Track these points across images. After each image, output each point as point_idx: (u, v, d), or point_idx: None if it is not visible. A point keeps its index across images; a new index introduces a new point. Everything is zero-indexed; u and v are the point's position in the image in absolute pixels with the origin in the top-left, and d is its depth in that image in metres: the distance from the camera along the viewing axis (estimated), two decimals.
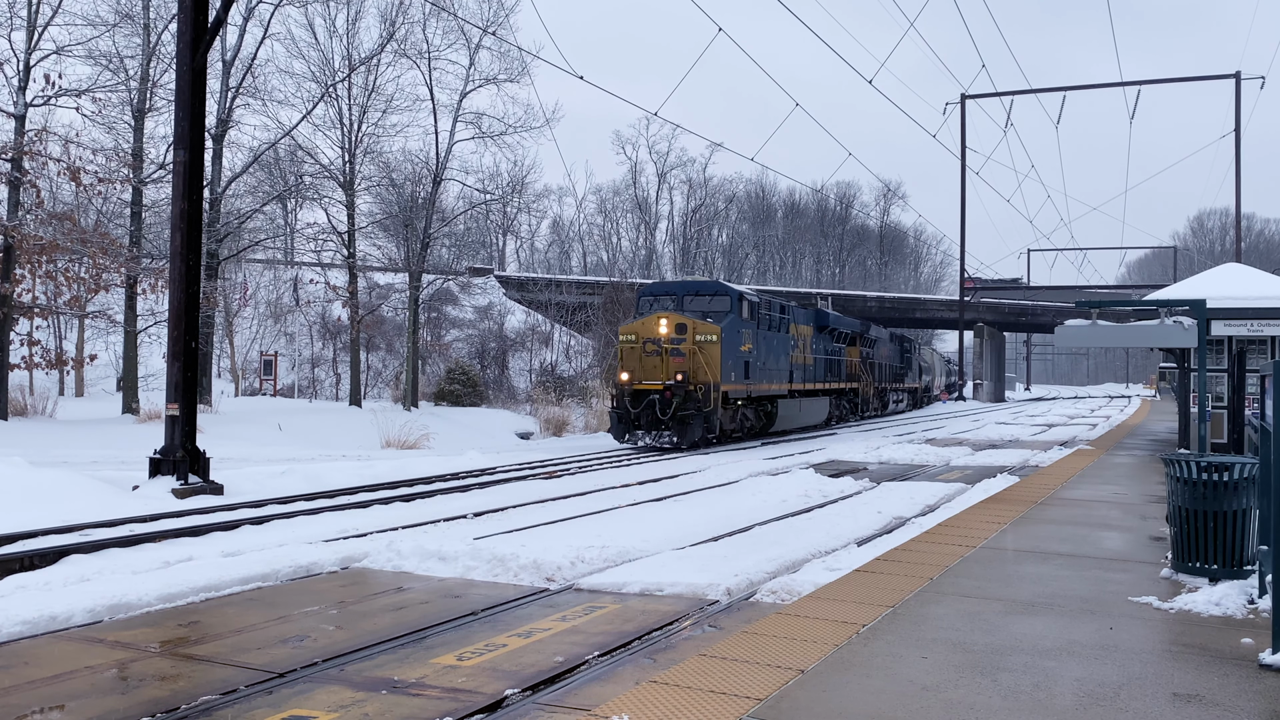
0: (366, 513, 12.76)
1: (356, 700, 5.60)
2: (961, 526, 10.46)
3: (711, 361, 23.41)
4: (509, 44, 35.16)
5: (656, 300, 25.87)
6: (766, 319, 27.12)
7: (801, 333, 30.97)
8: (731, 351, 24.09)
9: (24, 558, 9.44)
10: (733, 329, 24.36)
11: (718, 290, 25.55)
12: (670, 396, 22.93)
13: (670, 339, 23.64)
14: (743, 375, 24.90)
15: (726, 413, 24.42)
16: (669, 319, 23.76)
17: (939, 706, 4.81)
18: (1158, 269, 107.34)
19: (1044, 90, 61.14)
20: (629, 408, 23.28)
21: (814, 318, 33.28)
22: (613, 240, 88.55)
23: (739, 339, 24.75)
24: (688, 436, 23.00)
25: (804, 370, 30.93)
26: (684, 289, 25.83)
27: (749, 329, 25.42)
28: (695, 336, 23.57)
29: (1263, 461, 6.43)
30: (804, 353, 31.06)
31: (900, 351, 49.33)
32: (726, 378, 23.73)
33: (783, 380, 28.46)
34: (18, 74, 25.81)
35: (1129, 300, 28.07)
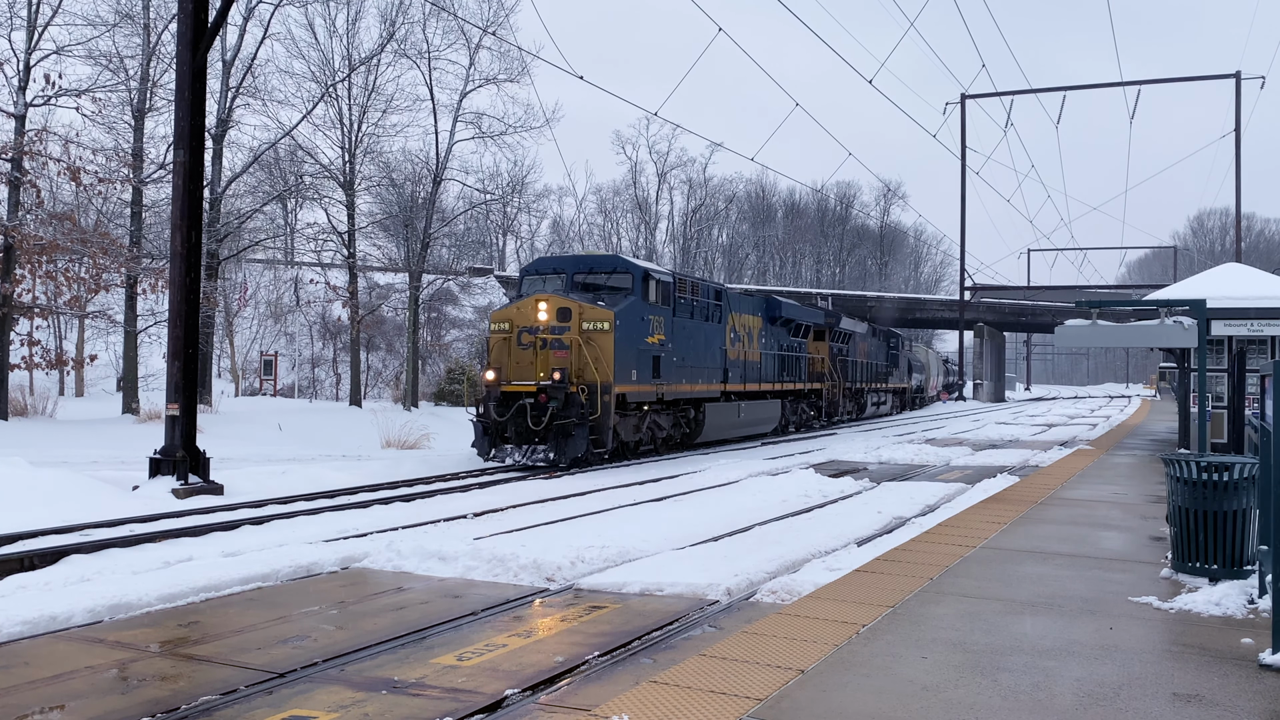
0: (366, 513, 12.76)
1: (356, 700, 5.60)
2: (961, 526, 10.46)
3: (602, 356, 18.58)
4: (509, 44, 35.15)
5: (543, 279, 20.77)
6: (688, 305, 22.43)
7: (745, 324, 26.44)
8: (632, 343, 19.50)
9: (24, 558, 9.45)
10: (634, 315, 19.68)
11: (617, 266, 20.62)
12: (545, 400, 18.07)
13: (550, 327, 18.83)
14: (650, 373, 20.25)
15: (627, 421, 20.03)
16: (549, 302, 18.87)
17: (939, 706, 4.81)
18: (1158, 269, 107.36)
19: (1044, 90, 61.22)
20: (494, 415, 18.39)
21: (763, 307, 28.57)
22: (613, 240, 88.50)
23: (644, 328, 20.08)
24: (568, 452, 18.12)
25: (745, 368, 26.07)
26: (575, 265, 20.81)
27: (660, 316, 20.81)
28: (582, 324, 18.79)
29: (1263, 461, 6.43)
30: (747, 347, 26.41)
31: (885, 348, 45.00)
32: (623, 376, 19.18)
33: (714, 379, 23.71)
34: (18, 74, 25.81)
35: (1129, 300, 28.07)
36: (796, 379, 30.69)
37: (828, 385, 33.99)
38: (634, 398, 19.85)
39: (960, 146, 67.24)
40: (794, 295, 58.10)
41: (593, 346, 18.72)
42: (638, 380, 19.78)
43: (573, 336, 18.70)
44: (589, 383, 18.44)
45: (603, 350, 18.70)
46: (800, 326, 31.10)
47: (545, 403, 18.09)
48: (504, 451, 18.38)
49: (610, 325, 18.81)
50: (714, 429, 23.97)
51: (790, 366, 30.15)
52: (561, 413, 18.08)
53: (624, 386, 19.22)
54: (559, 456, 18.18)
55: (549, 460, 18.22)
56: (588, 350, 18.66)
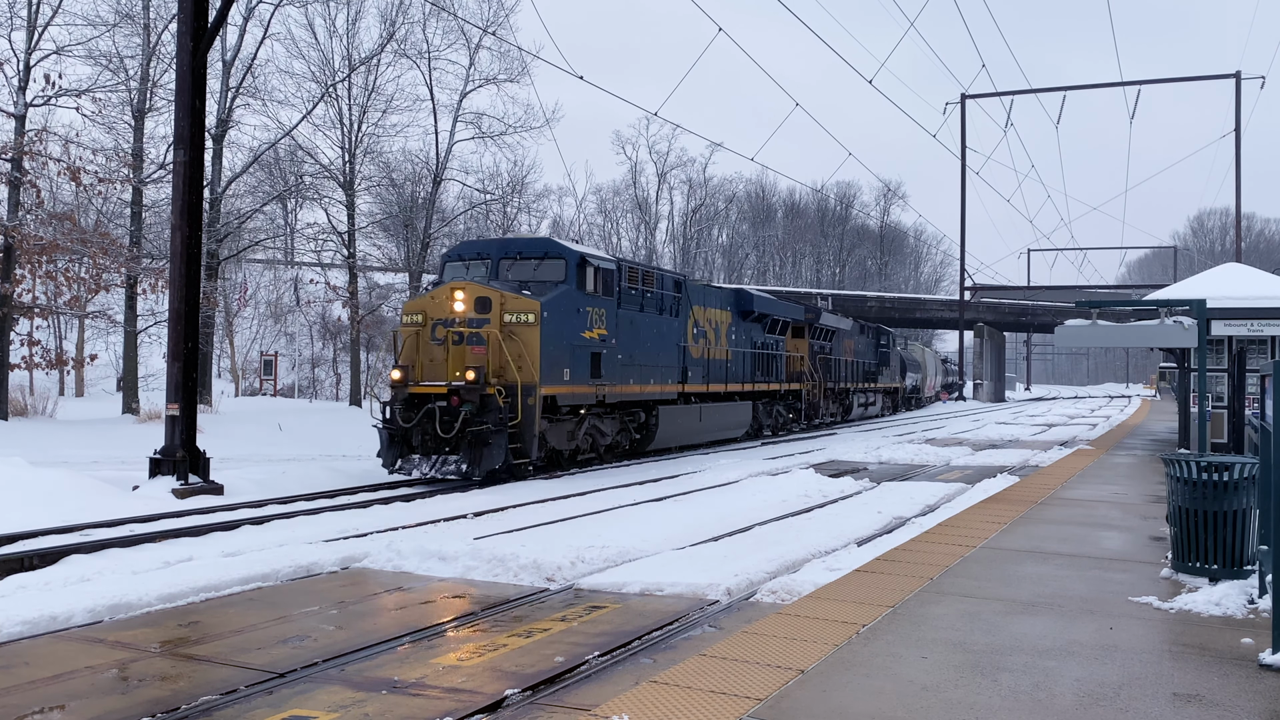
0: (366, 513, 12.75)
1: (356, 700, 5.60)
2: (961, 526, 10.46)
3: (526, 352, 16.20)
4: (509, 44, 35.18)
5: (465, 266, 18.39)
6: (638, 297, 20.15)
7: (709, 318, 24.05)
8: (565, 338, 17.17)
9: (24, 558, 9.45)
10: (567, 306, 17.33)
11: (548, 251, 18.06)
12: (458, 404, 15.73)
13: (468, 319, 16.41)
14: (588, 372, 17.97)
15: (559, 427, 17.74)
16: (467, 291, 16.49)
17: (939, 706, 4.82)
18: (1158, 269, 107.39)
19: (1044, 90, 61.20)
20: (399, 421, 16.01)
21: (732, 300, 26.19)
22: (613, 240, 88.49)
23: (580, 321, 17.74)
24: (483, 463, 15.62)
25: (709, 367, 23.68)
26: (502, 249, 18.37)
27: (602, 308, 18.51)
28: (504, 316, 16.40)
29: (1263, 461, 6.43)
30: (712, 344, 24.06)
31: (874, 346, 42.62)
32: (553, 376, 16.82)
33: (669, 379, 21.40)
34: (18, 74, 25.83)
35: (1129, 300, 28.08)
36: (772, 379, 28.43)
37: (808, 385, 31.65)
38: (567, 400, 17.50)
39: (960, 146, 67.27)
40: (794, 295, 58.12)
41: (516, 342, 16.25)
42: (572, 380, 17.44)
43: (492, 330, 16.22)
44: (511, 383, 15.95)
45: (527, 346, 16.26)
46: (776, 322, 28.81)
47: (457, 406, 15.69)
48: (410, 462, 15.81)
49: (536, 317, 16.39)
50: (669, 434, 21.76)
51: (764, 365, 27.90)
52: (476, 418, 15.65)
53: (554, 387, 16.87)
54: (472, 469, 15.61)
55: (461, 473, 15.60)
56: (510, 346, 16.19)
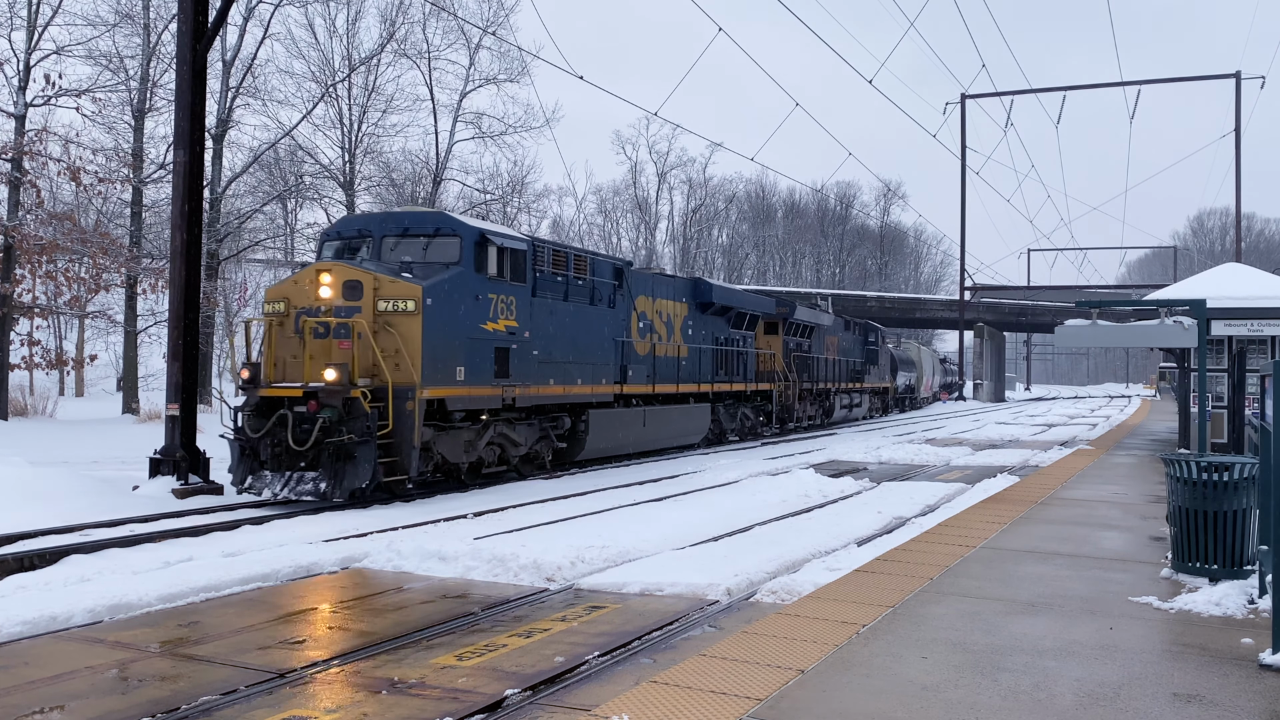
0: (366, 512, 12.75)
1: (356, 700, 5.60)
2: (961, 526, 10.46)
3: (404, 347, 13.64)
4: (509, 44, 35.19)
5: (346, 245, 15.58)
6: (560, 284, 17.45)
7: (661, 311, 21.57)
8: (457, 330, 14.51)
9: (24, 558, 9.45)
10: (460, 292, 14.63)
11: (440, 227, 15.15)
12: (316, 409, 13.13)
13: (335, 307, 13.80)
14: (491, 371, 15.26)
15: (453, 436, 14.89)
16: (334, 273, 13.90)
17: (939, 706, 4.82)
18: (1158, 269, 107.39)
19: (1044, 90, 61.17)
20: (248, 430, 13.60)
21: (689, 291, 23.48)
22: (613, 240, 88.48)
23: (478, 310, 15.00)
24: (346, 481, 13.04)
25: (658, 365, 21.25)
26: (385, 225, 15.42)
27: (511, 295, 15.73)
28: (378, 303, 13.85)
29: (1263, 461, 6.43)
30: (663, 340, 21.54)
31: (861, 344, 40.00)
32: (441, 374, 14.17)
33: (604, 379, 18.86)
34: (18, 74, 25.84)
35: (1129, 300, 28.09)
36: (737, 378, 25.84)
37: (780, 386, 29.12)
38: (461, 404, 14.72)
39: (960, 146, 67.26)
40: (794, 295, 58.04)
41: (392, 334, 13.69)
42: (469, 380, 14.73)
43: (363, 320, 13.62)
44: (385, 384, 13.39)
45: (406, 339, 13.68)
46: (744, 316, 26.21)
47: (315, 412, 13.09)
48: (262, 480, 13.31)
49: (418, 305, 13.80)
50: (603, 442, 19.05)
51: (728, 363, 25.36)
52: (337, 426, 13.07)
53: (442, 389, 14.19)
54: (332, 488, 13.03)
55: (318, 493, 13.02)
56: (384, 340, 13.67)
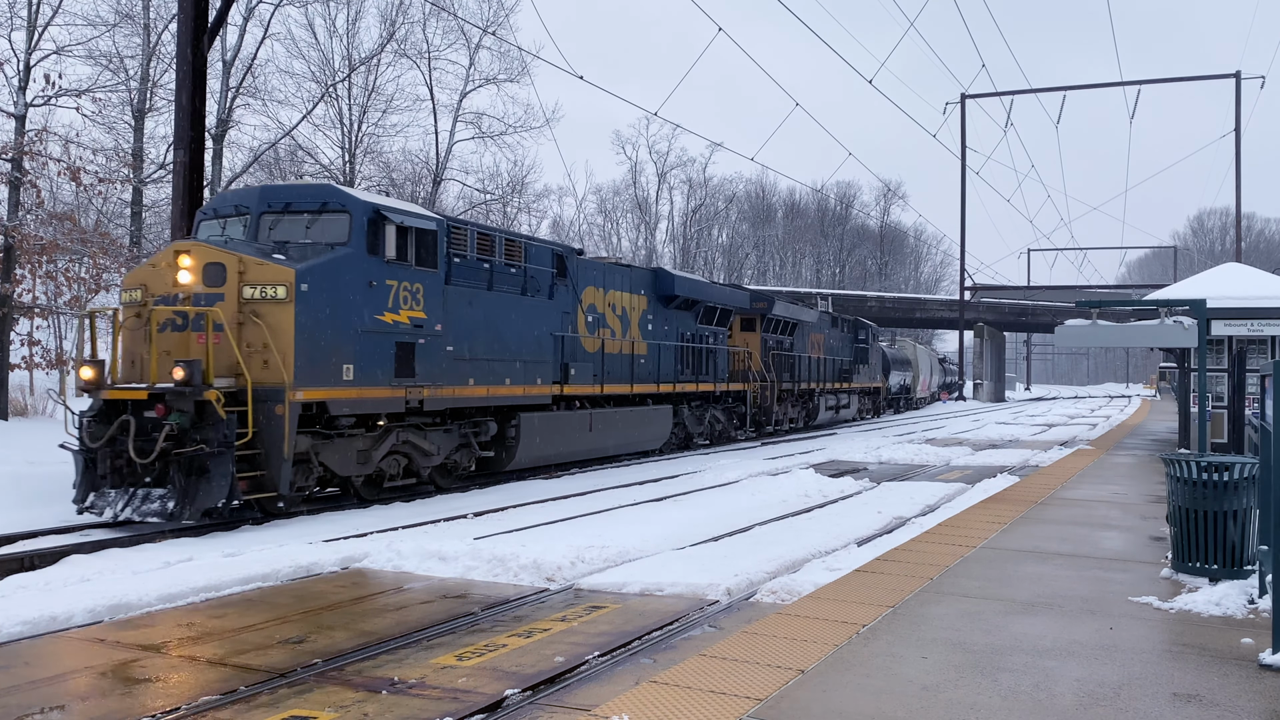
0: (366, 512, 12.76)
1: (356, 700, 5.60)
2: (962, 526, 10.46)
3: (274, 340, 11.86)
4: (509, 44, 35.20)
5: (222, 225, 13.66)
6: (483, 271, 15.45)
7: (614, 303, 19.77)
8: (342, 321, 12.62)
9: (24, 558, 9.46)
10: (348, 278, 12.74)
11: (328, 202, 13.17)
12: (164, 414, 11.35)
13: (195, 295, 12.02)
14: (391, 369, 13.45)
15: (343, 445, 13.05)
16: (195, 255, 12.04)
17: (939, 706, 4.82)
18: (1158, 269, 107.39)
19: (1044, 90, 61.17)
20: (87, 440, 11.71)
21: (649, 282, 21.58)
22: (613, 240, 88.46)
23: (373, 298, 13.10)
24: (199, 499, 11.20)
25: (609, 363, 19.39)
26: (265, 200, 13.41)
27: (417, 282, 13.82)
28: (243, 290, 12.02)
29: (1263, 461, 6.43)
30: (617, 335, 19.76)
31: (850, 342, 37.92)
32: (320, 373, 12.32)
33: (539, 378, 16.90)
34: (18, 74, 25.83)
35: (1129, 300, 28.08)
36: (706, 377, 23.86)
37: (756, 386, 27.18)
38: (349, 407, 12.81)
39: (960, 146, 67.22)
40: (794, 295, 57.99)
41: (258, 326, 11.88)
42: (359, 379, 12.88)
43: (225, 310, 11.80)
44: (257, 384, 11.72)
45: (276, 331, 11.87)
46: (714, 311, 24.41)
47: (162, 418, 11.28)
48: (105, 498, 11.49)
49: (289, 291, 11.93)
50: (538, 449, 16.95)
51: (696, 362, 23.44)
52: (187, 434, 11.23)
53: (322, 390, 12.32)
54: (181, 506, 11.13)
55: (166, 513, 11.14)
56: (249, 332, 11.92)
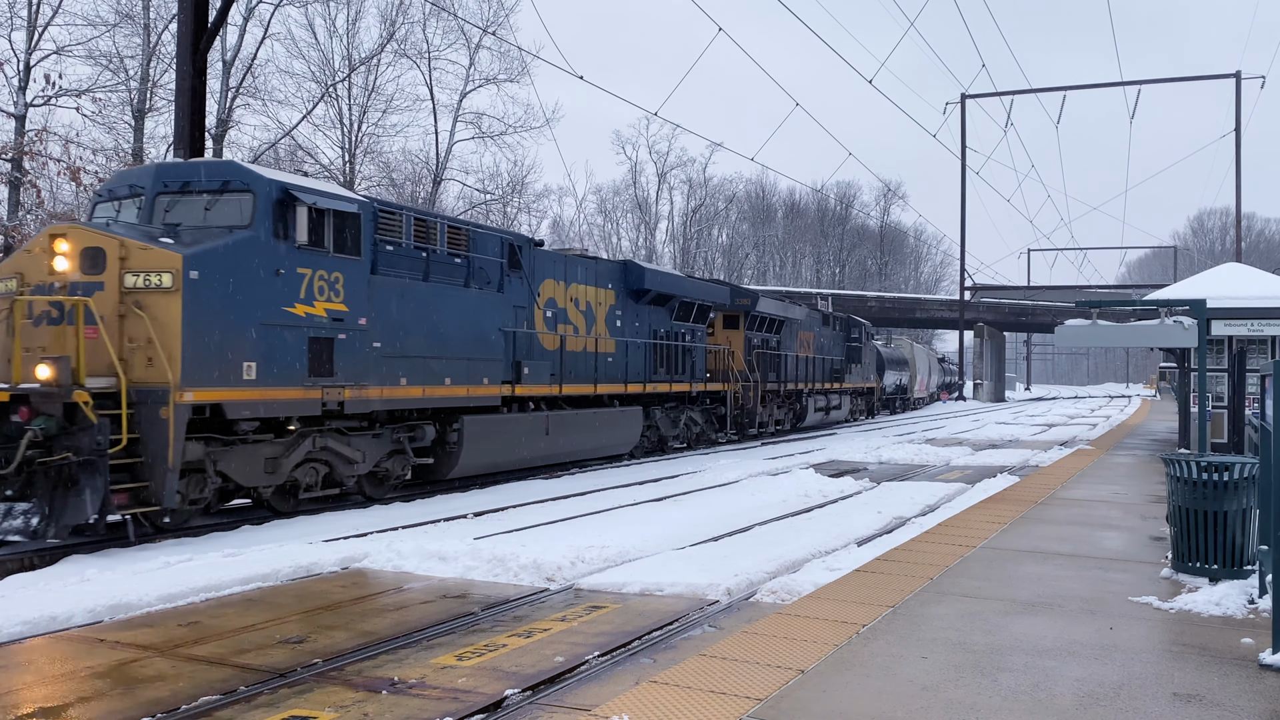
0: (366, 512, 12.76)
1: (356, 700, 5.60)
2: (962, 526, 10.46)
3: (161, 335, 10.56)
4: (509, 44, 35.20)
5: (116, 207, 12.52)
6: (417, 259, 14.24)
7: (574, 296, 18.48)
8: (242, 312, 11.35)
9: (24, 558, 9.45)
10: (247, 264, 11.47)
11: (229, 180, 11.96)
12: (27, 419, 9.96)
13: (72, 283, 10.73)
14: (304, 367, 12.14)
15: (246, 454, 11.77)
16: (72, 239, 10.78)
17: (939, 706, 4.81)
18: (1158, 269, 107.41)
19: (1044, 90, 61.21)
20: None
21: (618, 275, 20.39)
22: (613, 240, 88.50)
23: (280, 287, 11.83)
24: (65, 515, 9.74)
25: (569, 362, 18.09)
26: (161, 180, 12.17)
27: (337, 272, 12.57)
28: (125, 277, 10.75)
29: (1263, 461, 6.43)
30: (580, 332, 18.53)
31: (842, 340, 36.49)
32: (216, 371, 11.06)
33: (487, 377, 15.50)
34: (18, 74, 25.85)
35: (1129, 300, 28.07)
36: (682, 377, 22.54)
37: (738, 386, 25.93)
38: (250, 410, 11.50)
39: (960, 146, 67.24)
40: (794, 295, 57.93)
41: (141, 318, 10.58)
42: (263, 378, 11.57)
43: (104, 300, 10.55)
44: (140, 385, 10.45)
45: (161, 324, 10.57)
46: (691, 307, 23.12)
47: (26, 423, 9.92)
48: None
49: (176, 278, 10.62)
50: (485, 455, 15.61)
51: (671, 360, 22.17)
52: (56, 441, 9.90)
53: (217, 390, 11.01)
54: (46, 523, 9.70)
55: (29, 531, 9.66)
56: (131, 325, 10.66)
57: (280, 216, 11.88)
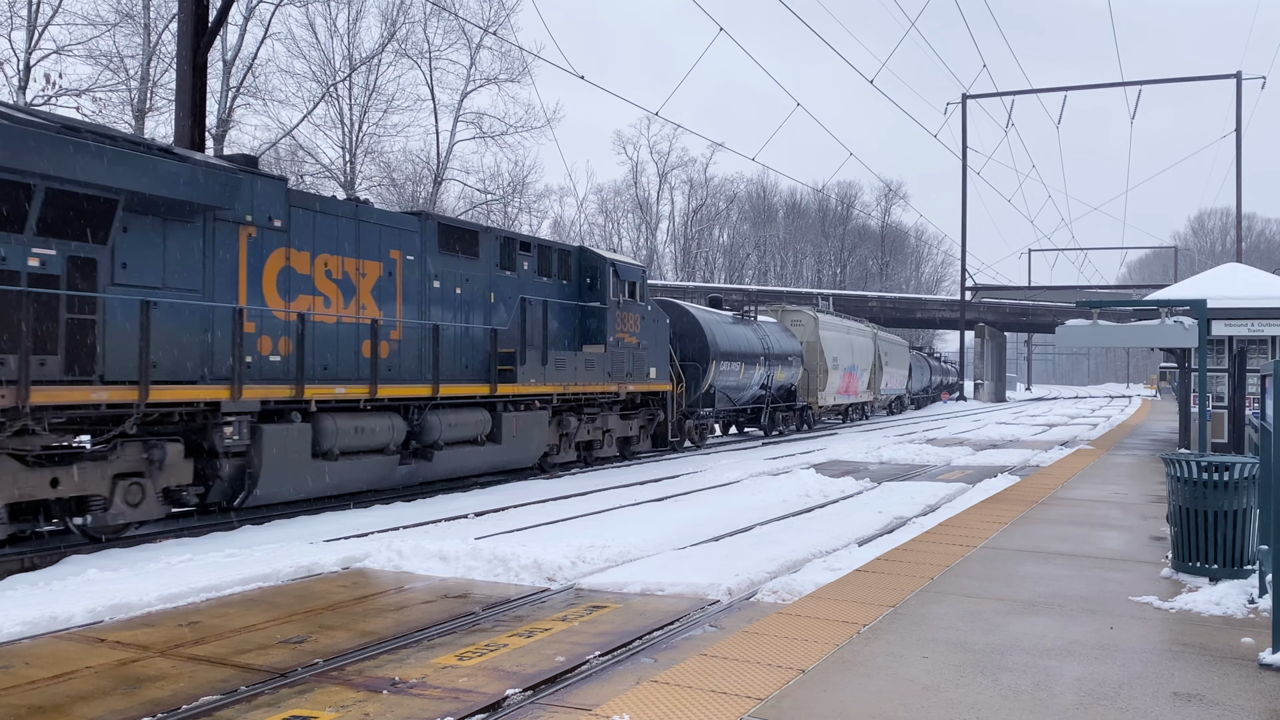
0: (367, 512, 12.76)
1: (357, 700, 5.60)
2: (962, 526, 10.46)
3: None
4: (510, 44, 35.19)
5: None
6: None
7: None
8: None
9: (24, 558, 9.45)
10: None
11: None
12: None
13: None
14: None
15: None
16: None
17: (940, 706, 4.81)
18: (1158, 269, 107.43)
19: (1045, 90, 61.16)
20: None
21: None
22: (614, 240, 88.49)
23: None
24: None
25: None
26: None
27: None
28: None
29: (1263, 461, 6.43)
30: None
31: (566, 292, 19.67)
32: None
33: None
34: (18, 74, 25.85)
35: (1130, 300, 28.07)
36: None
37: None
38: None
39: (961, 146, 67.23)
40: (794, 295, 57.87)
41: None
42: None
43: None
44: None
45: None
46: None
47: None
48: None
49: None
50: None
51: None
52: None
53: None
54: None
55: None
56: None
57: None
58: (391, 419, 13.68)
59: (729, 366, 25.34)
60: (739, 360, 26.00)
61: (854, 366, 36.73)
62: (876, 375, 40.89)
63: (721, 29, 21.25)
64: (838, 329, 35.69)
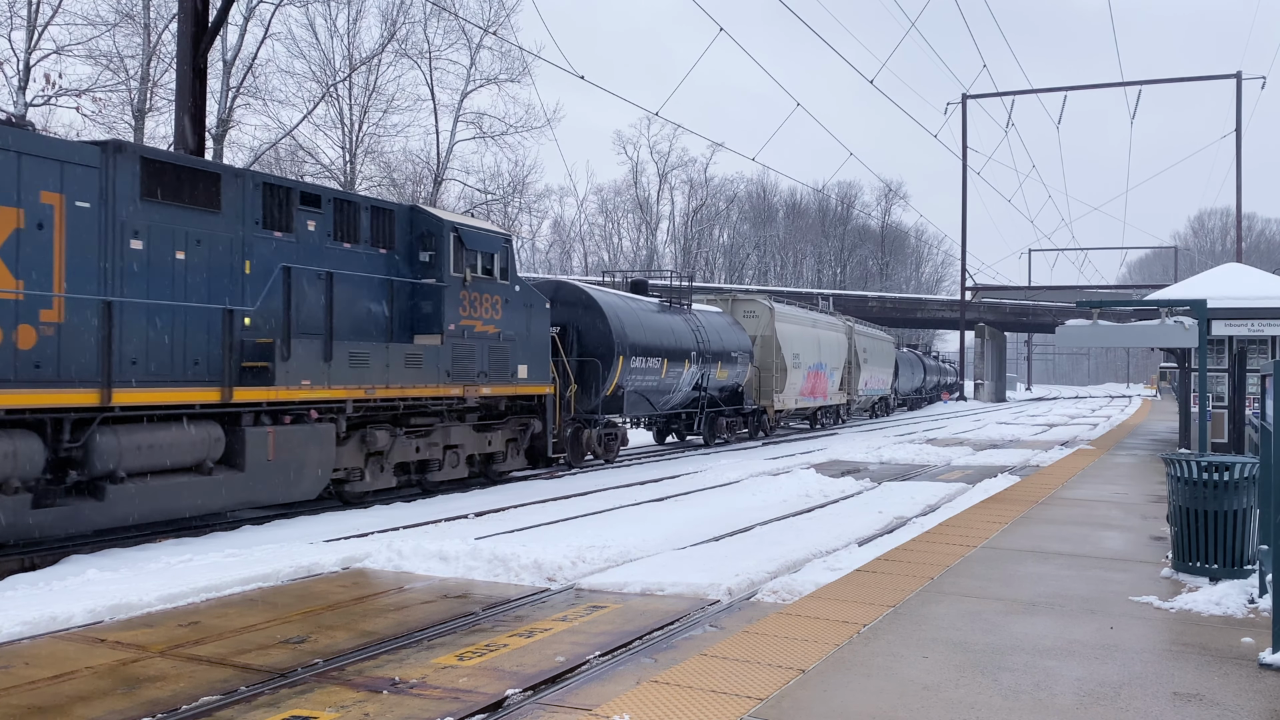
0: (367, 512, 12.76)
1: (357, 700, 5.60)
2: (962, 526, 10.46)
3: None
4: (510, 44, 35.20)
5: None
6: None
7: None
8: None
9: (24, 558, 9.45)
10: None
11: None
12: None
13: None
14: None
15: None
16: None
17: (940, 706, 4.81)
18: (1158, 269, 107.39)
19: (1045, 90, 61.21)
20: None
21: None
22: (614, 240, 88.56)
23: None
24: None
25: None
26: None
27: None
28: None
29: (1263, 461, 6.43)
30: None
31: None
32: None
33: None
34: (18, 74, 25.85)
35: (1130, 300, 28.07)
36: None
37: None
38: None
39: (961, 146, 67.24)
40: (795, 295, 57.85)
41: None
42: None
43: None
44: None
45: None
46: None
47: None
48: None
49: None
50: None
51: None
52: None
53: None
54: None
55: None
56: None
57: None
58: (14, 441, 9.07)
59: (644, 363, 20.44)
60: (659, 356, 21.10)
61: (821, 365, 31.87)
62: (852, 374, 36.20)
63: (721, 29, 21.26)
64: (800, 322, 30.98)
